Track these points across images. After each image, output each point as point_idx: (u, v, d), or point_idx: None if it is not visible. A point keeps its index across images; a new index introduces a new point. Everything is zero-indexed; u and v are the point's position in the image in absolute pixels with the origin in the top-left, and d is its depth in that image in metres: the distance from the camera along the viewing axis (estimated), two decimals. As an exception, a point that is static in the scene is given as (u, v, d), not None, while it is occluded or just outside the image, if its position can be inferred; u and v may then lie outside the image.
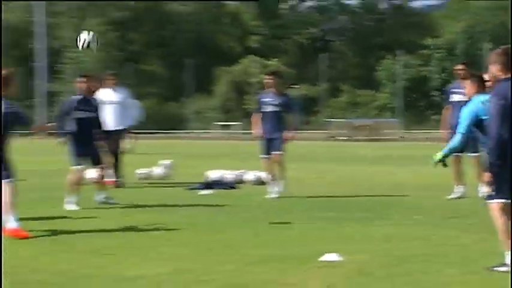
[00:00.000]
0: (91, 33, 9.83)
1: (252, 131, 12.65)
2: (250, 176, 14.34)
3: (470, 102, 7.01)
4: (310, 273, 5.81)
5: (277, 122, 11.85)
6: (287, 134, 11.81)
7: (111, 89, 13.76)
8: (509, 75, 5.95)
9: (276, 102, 11.87)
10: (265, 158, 11.95)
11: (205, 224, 8.77)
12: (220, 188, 13.31)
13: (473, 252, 6.65)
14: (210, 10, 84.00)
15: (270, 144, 11.87)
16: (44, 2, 64.84)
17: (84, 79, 11.03)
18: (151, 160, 17.51)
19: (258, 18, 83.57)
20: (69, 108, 10.72)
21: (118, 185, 13.58)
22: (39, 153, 24.40)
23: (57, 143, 11.17)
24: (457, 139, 6.91)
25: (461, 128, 6.82)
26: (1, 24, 63.21)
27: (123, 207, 10.56)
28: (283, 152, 11.86)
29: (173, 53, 79.46)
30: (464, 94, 9.49)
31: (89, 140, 10.65)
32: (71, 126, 10.59)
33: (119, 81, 14.80)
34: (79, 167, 10.51)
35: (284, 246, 7.11)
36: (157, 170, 15.76)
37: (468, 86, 7.54)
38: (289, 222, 8.78)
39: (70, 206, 10.22)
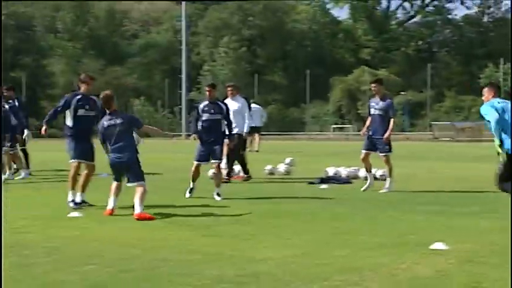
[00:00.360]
0: None
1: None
2: (362, 172, 14.11)
3: None
4: (420, 259, 5.62)
5: (381, 124, 11.63)
6: (386, 134, 11.55)
7: (231, 99, 13.68)
8: None
9: (379, 107, 11.69)
10: (364, 152, 11.78)
11: (324, 213, 8.70)
12: (336, 183, 13.20)
13: None
14: (327, 27, 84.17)
15: (373, 143, 11.68)
16: (187, 24, 66.67)
17: (209, 88, 11.28)
18: (276, 158, 17.63)
19: (369, 33, 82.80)
20: (197, 113, 11.01)
21: (246, 179, 13.76)
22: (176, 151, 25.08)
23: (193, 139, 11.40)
24: None
25: None
26: (1, 24, 64.52)
27: (252, 198, 10.65)
28: (387, 153, 11.58)
29: (294, 65, 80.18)
30: None
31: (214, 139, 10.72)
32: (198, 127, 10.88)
33: (244, 91, 14.99)
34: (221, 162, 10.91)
35: (395, 235, 6.93)
36: (281, 167, 15.84)
37: None
38: (400, 214, 8.57)
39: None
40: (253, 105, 20.51)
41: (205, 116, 10.73)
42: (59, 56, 78.38)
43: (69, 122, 9.62)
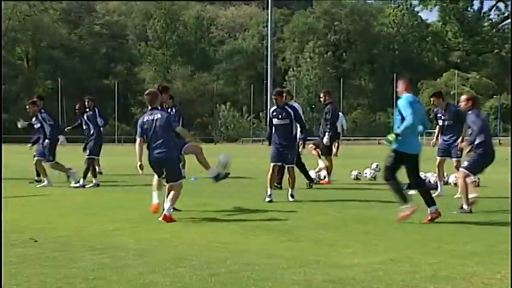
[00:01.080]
0: None
1: None
2: (452, 178, 13.70)
3: None
4: (516, 269, 5.35)
5: (448, 133, 11.59)
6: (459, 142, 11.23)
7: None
8: None
9: (444, 117, 11.70)
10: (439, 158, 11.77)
11: (411, 220, 8.46)
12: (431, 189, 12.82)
13: None
14: (415, 30, 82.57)
15: (448, 149, 11.56)
16: (272, 30, 67.04)
17: (276, 96, 11.24)
18: (363, 163, 17.38)
19: (460, 36, 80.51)
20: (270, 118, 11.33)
21: (309, 186, 13.56)
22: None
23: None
24: None
25: None
26: (1, 24, 65.05)
27: (336, 202, 10.53)
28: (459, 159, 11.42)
29: (381, 69, 78.98)
30: None
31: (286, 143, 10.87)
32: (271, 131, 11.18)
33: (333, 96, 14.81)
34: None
35: (489, 243, 6.64)
36: (367, 172, 15.62)
37: None
38: (493, 222, 8.24)
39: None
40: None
41: (274, 121, 10.97)
42: (149, 63, 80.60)
43: None
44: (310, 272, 5.33)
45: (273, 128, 11.04)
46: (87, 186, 13.48)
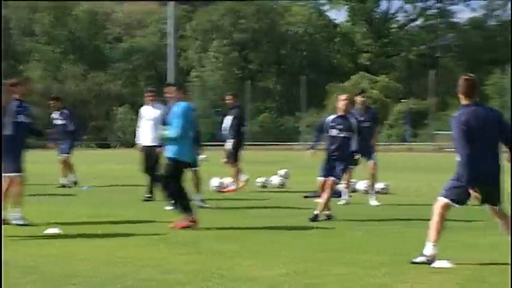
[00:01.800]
0: None
1: None
2: (361, 185, 14.12)
3: None
4: (423, 279, 5.61)
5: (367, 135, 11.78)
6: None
7: (151, 105, 12.71)
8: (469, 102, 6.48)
9: (365, 118, 11.96)
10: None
11: (319, 229, 8.68)
12: (333, 196, 13.15)
13: None
14: (323, 30, 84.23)
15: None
16: (174, 27, 66.58)
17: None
18: (270, 170, 17.59)
19: (368, 37, 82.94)
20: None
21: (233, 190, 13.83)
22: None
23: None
24: None
25: None
26: (1, 24, 64.81)
27: (242, 212, 10.63)
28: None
29: (288, 70, 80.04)
30: None
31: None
32: None
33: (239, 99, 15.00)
34: None
35: (397, 251, 6.91)
36: (274, 179, 15.81)
37: None
38: (401, 229, 8.58)
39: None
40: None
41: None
42: (37, 61, 78.06)
43: None
44: (213, 286, 5.37)
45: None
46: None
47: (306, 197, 13.10)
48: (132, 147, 21.96)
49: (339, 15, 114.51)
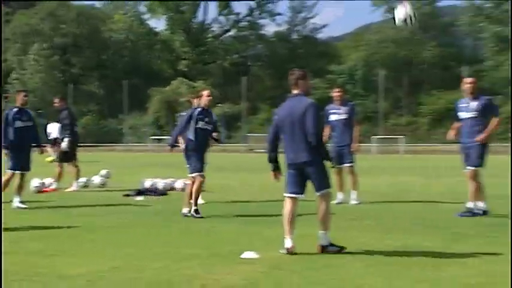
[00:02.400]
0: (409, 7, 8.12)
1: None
2: (179, 184, 14.23)
3: None
4: (231, 269, 5.77)
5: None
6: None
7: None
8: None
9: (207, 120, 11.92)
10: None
11: (138, 226, 8.63)
12: (152, 195, 13.16)
13: (357, 245, 6.75)
14: (145, 38, 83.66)
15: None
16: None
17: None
18: (92, 170, 17.15)
19: (186, 45, 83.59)
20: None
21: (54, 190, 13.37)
22: None
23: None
24: None
25: None
26: (1, 24, 61.44)
27: (63, 211, 10.28)
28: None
29: (111, 75, 78.66)
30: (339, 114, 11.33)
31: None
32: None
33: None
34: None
35: (209, 245, 7.04)
36: (96, 179, 15.47)
37: None
38: (214, 225, 8.74)
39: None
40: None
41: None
42: None
43: None
44: (28, 285, 5.15)
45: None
46: None
47: (126, 195, 12.97)
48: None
49: (158, 24, 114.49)
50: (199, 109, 10.17)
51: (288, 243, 6.50)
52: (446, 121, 64.17)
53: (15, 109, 11.04)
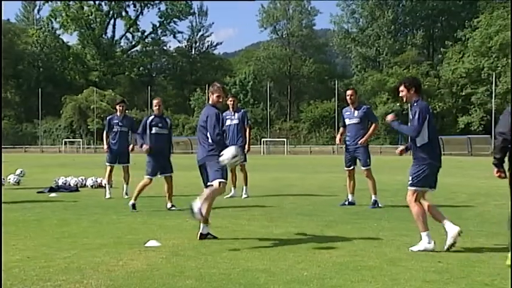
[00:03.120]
0: None
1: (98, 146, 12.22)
2: (90, 181, 13.79)
3: None
4: (136, 256, 5.62)
5: (125, 139, 11.62)
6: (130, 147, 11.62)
7: None
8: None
9: (122, 124, 11.60)
10: (111, 166, 11.61)
11: (52, 219, 8.25)
12: (65, 191, 12.67)
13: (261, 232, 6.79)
14: (58, 51, 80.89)
15: (117, 156, 11.60)
16: None
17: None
18: (8, 170, 16.30)
19: (97, 58, 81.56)
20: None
21: None
22: None
23: None
24: None
25: None
26: (1, 24, 56.93)
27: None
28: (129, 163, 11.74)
29: (26, 83, 75.53)
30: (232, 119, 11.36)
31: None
32: None
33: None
34: None
35: (116, 235, 6.84)
36: (11, 177, 14.70)
37: None
38: (121, 217, 8.51)
39: None
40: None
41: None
42: None
43: None
44: None
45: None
46: None
47: (40, 192, 12.40)
48: None
49: (71, 38, 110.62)
50: (152, 116, 9.95)
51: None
52: (321, 126, 66.33)
53: None
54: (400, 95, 6.38)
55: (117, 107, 11.84)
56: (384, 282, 4.65)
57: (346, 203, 9.99)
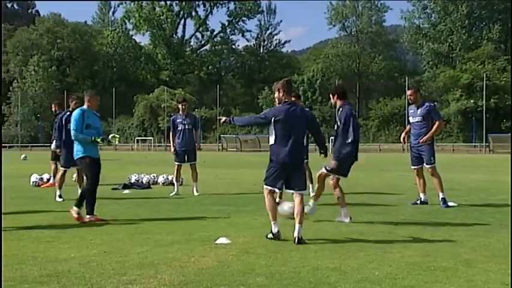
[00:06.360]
0: None
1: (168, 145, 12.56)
2: (161, 178, 14.12)
3: None
4: (207, 252, 5.72)
5: (189, 137, 11.71)
6: (196, 145, 11.83)
7: None
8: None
9: (186, 122, 11.73)
10: (179, 164, 11.74)
11: (125, 215, 8.52)
12: (138, 188, 13.03)
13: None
14: (131, 51, 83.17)
15: (185, 155, 11.69)
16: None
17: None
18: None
19: (168, 58, 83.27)
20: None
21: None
22: None
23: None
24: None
25: None
26: (1, 24, 60.36)
27: (57, 204, 10.11)
28: (195, 161, 11.79)
29: (101, 83, 78.09)
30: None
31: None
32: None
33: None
34: None
35: (187, 232, 6.98)
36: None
37: None
38: (192, 214, 8.68)
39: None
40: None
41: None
42: None
43: None
44: (27, 268, 5.04)
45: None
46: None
47: (114, 189, 12.79)
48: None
49: (143, 39, 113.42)
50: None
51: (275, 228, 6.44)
52: (391, 124, 65.06)
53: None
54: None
55: (179, 105, 12.01)
56: (459, 284, 4.52)
57: (418, 202, 9.77)
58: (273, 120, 6.40)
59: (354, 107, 8.17)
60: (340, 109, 7.58)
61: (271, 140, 6.48)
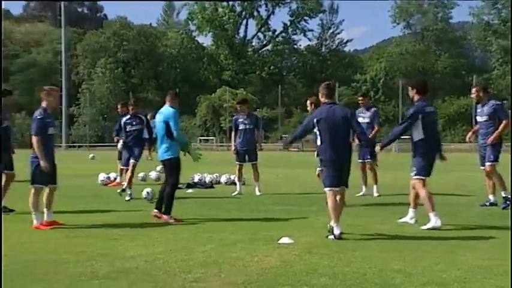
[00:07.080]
0: None
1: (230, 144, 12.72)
2: (223, 178, 14.27)
3: None
4: (270, 252, 5.75)
5: (250, 137, 11.76)
6: (257, 145, 11.89)
7: None
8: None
9: (247, 122, 11.80)
10: (240, 164, 11.81)
11: (189, 215, 8.66)
12: (201, 187, 13.22)
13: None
14: (193, 52, 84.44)
15: (245, 154, 11.77)
16: (66, 49, 64.23)
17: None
18: (149, 166, 17.31)
19: (230, 58, 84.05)
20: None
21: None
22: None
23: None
24: None
25: None
26: (1, 24, 61.96)
27: (127, 201, 10.39)
28: (257, 161, 11.80)
29: (165, 84, 79.63)
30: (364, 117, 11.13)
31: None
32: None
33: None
34: None
35: (251, 232, 7.03)
36: (152, 173, 15.58)
37: None
38: (255, 214, 8.73)
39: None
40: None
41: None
42: None
43: None
44: (97, 264, 5.21)
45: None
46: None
47: (177, 188, 12.97)
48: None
49: (205, 40, 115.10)
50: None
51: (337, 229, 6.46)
52: (458, 123, 63.21)
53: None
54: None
55: (238, 106, 12.11)
56: (531, 291, 4.35)
57: (487, 203, 9.46)
58: (315, 121, 6.76)
59: (430, 105, 7.90)
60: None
61: (318, 141, 6.79)
